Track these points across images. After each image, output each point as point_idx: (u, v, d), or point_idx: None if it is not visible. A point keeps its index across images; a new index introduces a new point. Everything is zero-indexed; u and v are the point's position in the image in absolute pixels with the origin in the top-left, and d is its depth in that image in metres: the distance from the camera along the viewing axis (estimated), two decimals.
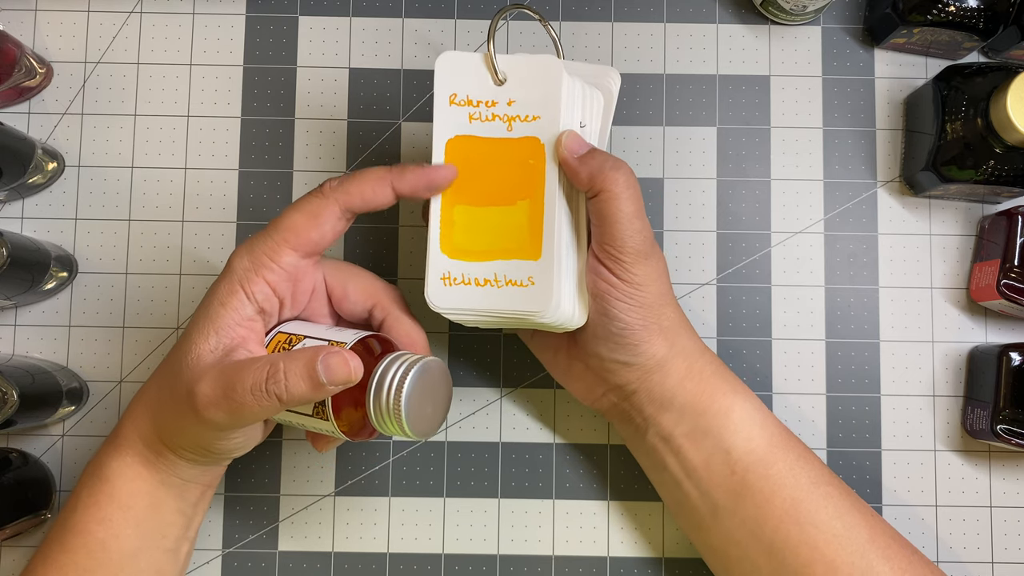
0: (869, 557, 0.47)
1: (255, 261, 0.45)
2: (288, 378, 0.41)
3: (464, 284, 0.47)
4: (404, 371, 0.42)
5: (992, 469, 0.57)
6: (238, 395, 0.41)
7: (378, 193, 0.45)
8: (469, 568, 0.56)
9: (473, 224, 0.47)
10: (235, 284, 0.45)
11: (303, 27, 0.60)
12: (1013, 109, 0.49)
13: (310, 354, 0.41)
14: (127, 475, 0.47)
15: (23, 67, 0.56)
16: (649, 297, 0.47)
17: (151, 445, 0.47)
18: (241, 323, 0.45)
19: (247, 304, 0.45)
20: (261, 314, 0.45)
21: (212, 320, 0.44)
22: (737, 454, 0.48)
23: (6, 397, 0.50)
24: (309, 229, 0.45)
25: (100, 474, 0.48)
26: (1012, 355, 0.53)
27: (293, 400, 0.41)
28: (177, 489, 0.48)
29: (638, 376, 0.49)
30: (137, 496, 0.47)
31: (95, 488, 0.47)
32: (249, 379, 0.41)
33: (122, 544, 0.47)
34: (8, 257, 0.51)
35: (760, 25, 0.60)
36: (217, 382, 0.42)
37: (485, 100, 0.47)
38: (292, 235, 0.45)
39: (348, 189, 0.45)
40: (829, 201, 0.58)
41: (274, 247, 0.45)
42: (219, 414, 0.42)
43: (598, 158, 0.46)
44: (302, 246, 0.45)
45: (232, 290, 0.45)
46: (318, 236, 0.45)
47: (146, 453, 0.47)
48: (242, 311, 0.45)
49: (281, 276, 0.45)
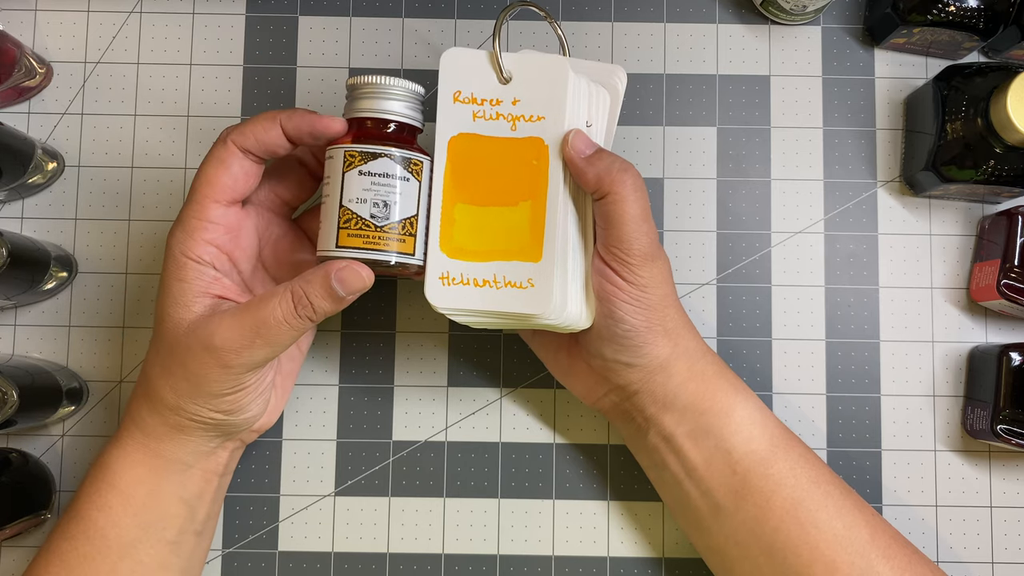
0: (870, 557, 0.47)
1: (186, 228, 0.46)
2: (313, 301, 0.44)
3: (463, 284, 0.47)
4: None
5: (992, 469, 0.57)
6: (272, 328, 0.44)
7: (269, 131, 0.46)
8: (469, 568, 0.56)
9: (474, 224, 0.47)
10: (179, 257, 0.46)
11: (303, 27, 0.60)
12: (1013, 109, 0.49)
13: (323, 273, 0.44)
14: (126, 463, 0.48)
15: (23, 67, 0.56)
16: (654, 299, 0.47)
17: (151, 432, 0.48)
18: (208, 289, 0.46)
19: (201, 269, 0.46)
20: (219, 272, 0.47)
21: (180, 297, 0.46)
22: (738, 454, 0.48)
23: (6, 397, 0.50)
24: (219, 176, 0.46)
25: (100, 462, 0.49)
26: (1012, 355, 0.53)
27: (322, 316, 0.45)
28: (178, 476, 0.49)
29: (641, 377, 0.49)
30: (136, 484, 0.48)
31: (96, 476, 0.49)
32: (279, 311, 0.44)
33: (121, 533, 0.48)
34: (8, 257, 0.51)
35: (760, 25, 0.60)
36: (240, 326, 0.44)
37: (489, 98, 0.47)
38: (207, 187, 0.46)
39: (242, 130, 0.46)
40: (829, 201, 0.58)
41: (197, 208, 0.46)
42: (254, 352, 0.45)
43: (606, 159, 0.46)
44: (220, 194, 0.46)
45: (180, 264, 0.46)
46: (230, 180, 0.46)
47: (146, 442, 0.48)
48: (201, 278, 0.46)
49: (216, 231, 0.46)
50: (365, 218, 0.45)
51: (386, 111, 0.46)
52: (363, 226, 0.45)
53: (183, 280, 0.46)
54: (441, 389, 0.57)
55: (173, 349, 0.46)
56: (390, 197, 0.45)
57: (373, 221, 0.45)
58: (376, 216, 0.45)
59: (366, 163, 0.45)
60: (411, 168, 0.46)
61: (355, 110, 0.47)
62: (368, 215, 0.45)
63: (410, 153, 0.46)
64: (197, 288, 0.46)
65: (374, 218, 0.45)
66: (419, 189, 0.46)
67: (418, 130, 0.48)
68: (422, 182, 0.46)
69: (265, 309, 0.44)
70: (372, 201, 0.45)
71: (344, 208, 0.45)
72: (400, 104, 0.46)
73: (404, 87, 0.47)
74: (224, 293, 0.47)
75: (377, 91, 0.46)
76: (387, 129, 0.46)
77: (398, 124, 0.47)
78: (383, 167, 0.45)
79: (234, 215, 0.47)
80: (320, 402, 0.57)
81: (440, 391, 0.57)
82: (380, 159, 0.45)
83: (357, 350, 0.58)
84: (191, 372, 0.46)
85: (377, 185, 0.45)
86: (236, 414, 0.48)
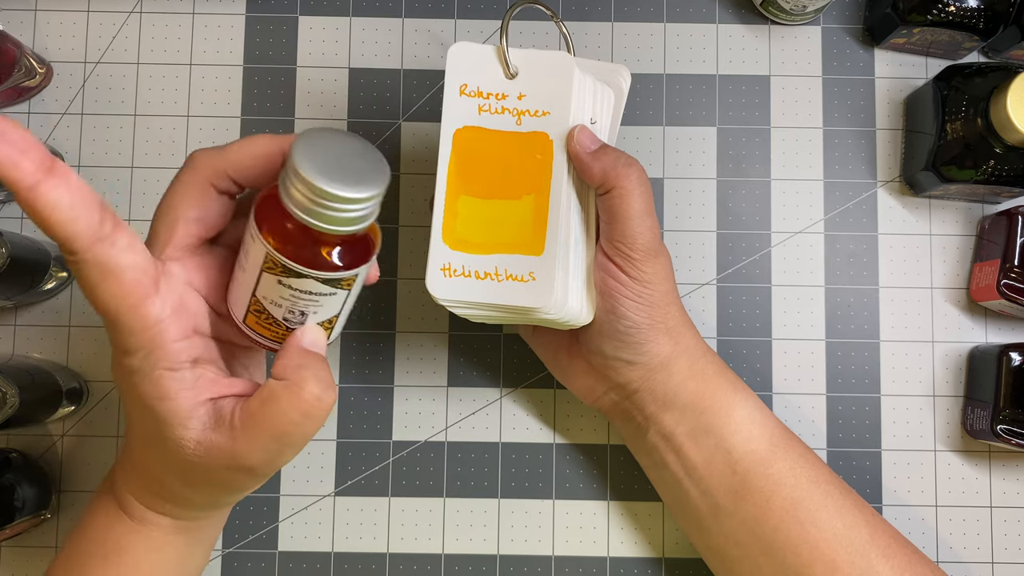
0: (869, 556, 0.47)
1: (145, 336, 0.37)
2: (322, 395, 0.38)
3: (464, 276, 0.47)
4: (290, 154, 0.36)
5: (992, 469, 0.57)
6: (296, 434, 0.38)
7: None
8: (469, 568, 0.56)
9: (477, 216, 0.47)
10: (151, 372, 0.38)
11: (303, 27, 0.60)
12: (1013, 109, 0.49)
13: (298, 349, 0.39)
14: (147, 546, 0.43)
15: (23, 67, 0.56)
16: (656, 296, 0.47)
17: (177, 517, 0.43)
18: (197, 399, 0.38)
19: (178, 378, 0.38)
20: (201, 362, 0.39)
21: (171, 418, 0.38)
22: (738, 454, 0.48)
23: (6, 397, 0.50)
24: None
25: (115, 546, 0.43)
26: (1012, 355, 0.53)
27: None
28: (198, 546, 0.46)
29: (641, 375, 0.49)
30: (164, 565, 0.44)
31: (112, 560, 0.43)
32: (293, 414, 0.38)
33: None
34: (8, 257, 0.51)
35: (760, 25, 0.60)
36: (258, 447, 0.38)
37: (495, 93, 0.47)
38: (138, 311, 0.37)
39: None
40: (829, 201, 0.58)
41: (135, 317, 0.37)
42: (287, 457, 0.39)
43: (611, 154, 0.46)
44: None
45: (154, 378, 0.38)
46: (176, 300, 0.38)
47: (168, 522, 0.43)
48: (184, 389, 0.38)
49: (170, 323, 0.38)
50: (277, 319, 0.39)
51: (331, 224, 0.36)
52: (273, 324, 0.39)
53: (165, 399, 0.38)
54: (441, 389, 0.57)
55: (188, 468, 0.39)
56: (308, 308, 0.39)
57: (285, 323, 0.39)
58: (289, 320, 0.39)
59: (288, 278, 0.37)
60: (341, 284, 0.38)
61: (292, 205, 0.36)
62: (281, 318, 0.39)
63: (342, 274, 0.38)
64: (187, 403, 0.38)
65: (287, 321, 0.39)
66: (345, 298, 0.39)
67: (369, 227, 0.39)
68: (352, 289, 0.39)
69: (276, 417, 0.38)
70: (288, 308, 0.39)
71: (256, 299, 0.39)
72: (354, 213, 0.36)
73: (364, 196, 0.36)
74: (216, 392, 0.39)
75: (328, 205, 0.35)
76: (325, 243, 0.37)
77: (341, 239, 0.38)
78: (307, 286, 0.38)
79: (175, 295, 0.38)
80: None
81: (440, 391, 0.57)
82: (305, 280, 0.37)
83: (357, 350, 0.58)
84: (223, 486, 0.41)
85: (296, 298, 0.38)
86: (271, 475, 0.43)
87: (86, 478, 0.57)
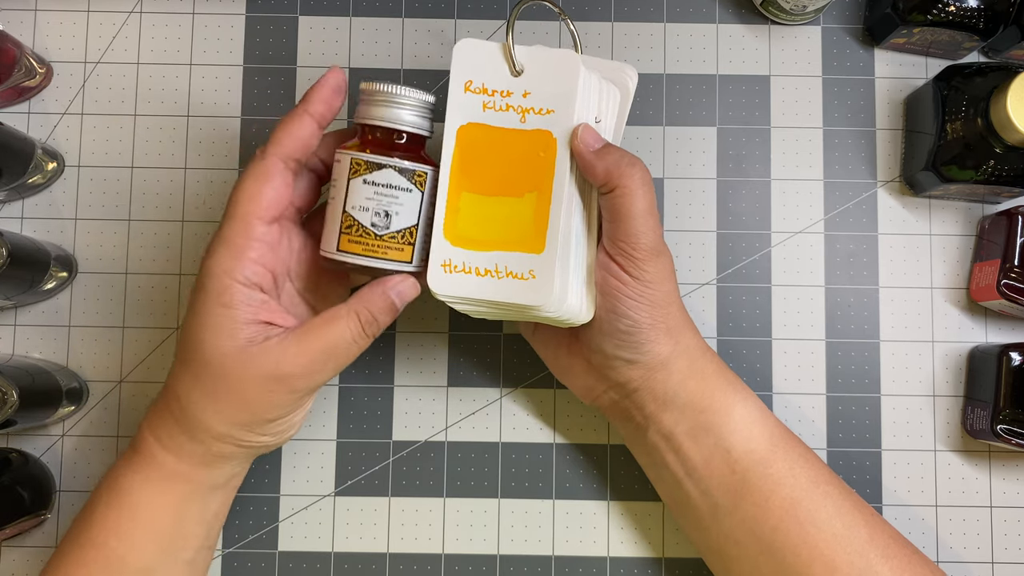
0: (869, 557, 0.47)
1: (232, 249, 0.45)
2: (379, 318, 0.46)
3: (465, 272, 0.47)
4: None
5: (992, 469, 0.57)
6: (343, 350, 0.45)
7: (303, 126, 0.46)
8: (469, 568, 0.56)
9: (478, 213, 0.47)
10: (224, 280, 0.44)
11: (303, 27, 0.60)
12: (1013, 109, 0.49)
13: (381, 291, 0.46)
14: (150, 491, 0.47)
15: (23, 67, 0.56)
16: (658, 295, 0.47)
17: (187, 458, 0.47)
18: (255, 316, 0.45)
19: (250, 293, 0.45)
20: (266, 293, 0.46)
21: (224, 325, 0.44)
22: (737, 453, 0.48)
23: (6, 397, 0.50)
24: (264, 191, 0.45)
25: (119, 489, 0.47)
26: (1012, 355, 0.53)
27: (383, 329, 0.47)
28: (201, 500, 0.48)
29: (641, 374, 0.49)
30: (161, 511, 0.47)
31: (114, 503, 0.47)
32: (348, 333, 0.45)
33: (140, 558, 0.47)
34: (8, 257, 0.51)
35: (760, 25, 0.60)
36: (308, 352, 0.45)
37: (500, 90, 0.47)
38: (252, 205, 0.45)
39: (278, 139, 0.46)
40: (829, 201, 0.58)
41: (242, 226, 0.45)
42: (325, 374, 0.46)
43: (614, 153, 0.46)
44: (264, 211, 0.45)
45: (224, 287, 0.44)
46: (274, 195, 0.45)
47: (177, 468, 0.47)
48: (249, 302, 0.45)
49: (263, 250, 0.45)
50: (366, 226, 0.46)
51: (396, 120, 0.46)
52: (363, 233, 0.46)
53: (228, 306, 0.44)
54: (441, 389, 0.57)
55: (223, 379, 0.45)
56: (391, 208, 0.46)
57: (373, 230, 0.46)
58: (376, 225, 0.46)
59: (371, 172, 0.46)
60: (414, 179, 0.46)
61: (366, 116, 0.47)
62: (369, 223, 0.46)
63: (414, 165, 0.46)
64: (245, 315, 0.45)
65: (375, 227, 0.46)
66: (421, 199, 0.47)
67: (425, 138, 0.48)
68: (425, 192, 0.47)
69: (334, 332, 0.45)
70: (374, 211, 0.46)
71: (347, 214, 0.46)
72: (410, 113, 0.47)
73: (415, 97, 0.47)
74: (271, 318, 0.46)
75: (389, 100, 0.46)
76: (396, 139, 0.47)
77: (406, 134, 0.47)
78: (387, 178, 0.46)
79: (275, 232, 0.46)
80: (320, 402, 0.57)
81: (440, 391, 0.57)
82: (384, 170, 0.46)
83: None
84: (251, 400, 0.45)
85: (380, 195, 0.46)
86: (285, 434, 0.48)
87: (86, 478, 0.57)
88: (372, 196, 0.46)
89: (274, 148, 0.45)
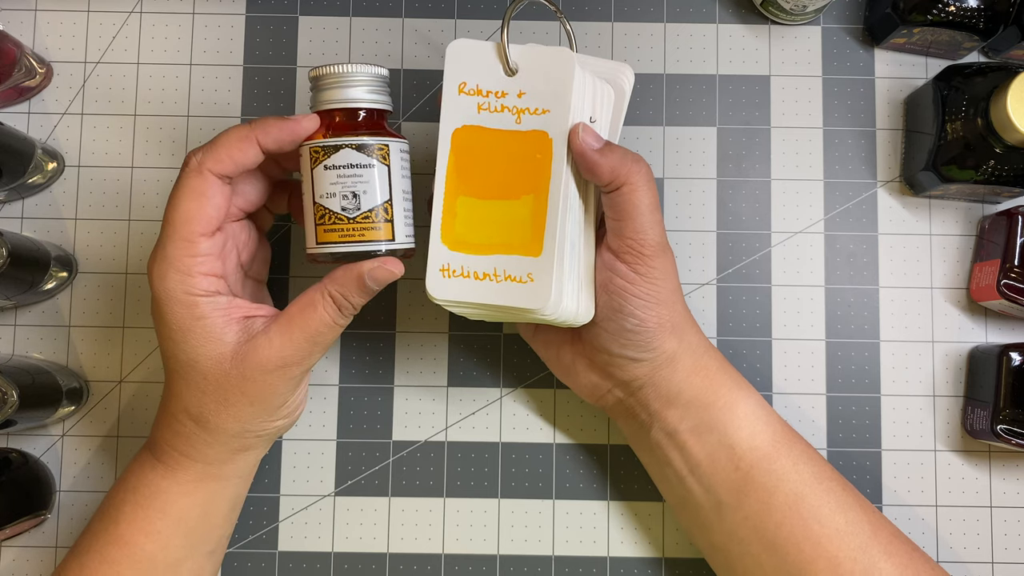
0: (871, 553, 0.47)
1: (181, 269, 0.45)
2: (352, 301, 0.46)
3: (463, 277, 0.47)
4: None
5: (992, 469, 0.57)
6: (324, 333, 0.46)
7: (246, 152, 0.45)
8: (469, 568, 0.56)
9: (475, 216, 0.47)
10: (185, 299, 0.45)
11: (303, 27, 0.60)
12: (1013, 109, 0.49)
13: (356, 275, 0.45)
14: (180, 491, 0.48)
15: (23, 67, 0.56)
16: (664, 293, 0.47)
17: (213, 460, 0.48)
18: (230, 315, 0.46)
19: (215, 300, 0.46)
20: (228, 295, 0.47)
21: (209, 334, 0.45)
22: (741, 450, 0.48)
23: (6, 397, 0.50)
24: (203, 209, 0.45)
25: (148, 491, 0.48)
26: (1012, 355, 0.53)
27: (359, 309, 0.47)
28: (228, 492, 0.50)
29: (646, 372, 0.49)
30: (190, 509, 0.48)
31: (143, 503, 0.48)
32: (327, 317, 0.46)
33: (169, 555, 0.48)
34: (8, 257, 0.51)
35: (760, 25, 0.60)
36: (293, 341, 0.46)
37: (495, 91, 0.47)
38: (194, 224, 0.45)
39: (217, 156, 0.45)
40: (829, 201, 0.58)
41: (186, 246, 0.45)
42: (313, 358, 0.47)
43: (617, 151, 0.46)
44: (206, 227, 0.45)
45: (189, 304, 0.45)
46: (213, 211, 0.45)
47: (207, 469, 0.48)
48: (218, 308, 0.46)
49: (209, 263, 0.46)
50: (337, 212, 0.45)
51: (347, 100, 0.46)
52: (336, 220, 0.45)
53: (203, 317, 0.45)
54: (441, 389, 0.57)
55: (227, 383, 0.46)
56: (357, 187, 0.45)
57: (344, 214, 0.45)
58: (347, 208, 0.45)
59: (329, 157, 0.45)
60: (375, 154, 0.46)
61: (319, 102, 0.47)
62: (339, 208, 0.45)
63: (371, 139, 0.46)
64: (222, 319, 0.45)
65: (345, 210, 0.45)
66: (388, 173, 0.46)
67: (386, 112, 0.48)
68: (391, 165, 0.46)
69: (314, 319, 0.46)
70: (341, 194, 0.45)
71: (317, 204, 0.46)
72: (362, 90, 0.46)
73: (366, 72, 0.46)
74: (246, 312, 0.46)
75: (339, 81, 0.46)
76: (355, 119, 0.46)
77: (363, 111, 0.46)
78: (346, 158, 0.45)
79: (219, 240, 0.47)
80: (320, 402, 0.57)
81: (440, 391, 0.57)
82: (341, 151, 0.45)
83: (357, 350, 0.58)
84: (255, 396, 0.46)
85: (343, 177, 0.45)
86: (296, 411, 0.50)
87: (86, 478, 0.57)
88: (336, 180, 0.45)
89: (212, 164, 0.45)
